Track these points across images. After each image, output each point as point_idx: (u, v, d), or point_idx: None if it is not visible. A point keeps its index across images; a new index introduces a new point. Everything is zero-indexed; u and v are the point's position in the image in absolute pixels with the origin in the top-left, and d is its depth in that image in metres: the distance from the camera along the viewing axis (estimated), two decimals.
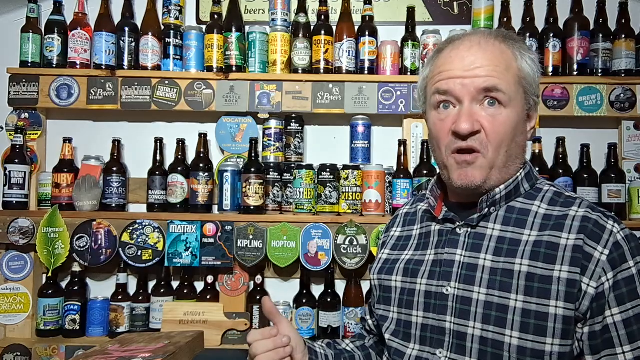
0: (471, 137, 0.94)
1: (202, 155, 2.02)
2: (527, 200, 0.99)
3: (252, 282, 2.02)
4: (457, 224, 1.01)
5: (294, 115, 2.04)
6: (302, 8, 2.04)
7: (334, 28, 2.04)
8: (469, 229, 1.00)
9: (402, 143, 2.00)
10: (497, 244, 0.95)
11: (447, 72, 0.97)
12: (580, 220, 0.92)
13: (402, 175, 1.96)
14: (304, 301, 1.97)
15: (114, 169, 2.00)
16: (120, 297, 1.99)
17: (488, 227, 0.98)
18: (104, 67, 2.00)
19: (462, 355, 0.92)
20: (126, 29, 2.04)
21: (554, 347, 0.87)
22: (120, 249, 1.93)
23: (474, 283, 0.94)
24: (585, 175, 1.97)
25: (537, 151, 1.99)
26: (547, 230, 0.93)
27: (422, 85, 1.07)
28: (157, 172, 2.00)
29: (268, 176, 1.98)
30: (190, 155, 2.06)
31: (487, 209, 0.99)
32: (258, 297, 1.98)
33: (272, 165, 2.01)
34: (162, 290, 1.99)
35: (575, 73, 1.98)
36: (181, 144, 2.04)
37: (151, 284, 2.06)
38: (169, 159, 2.08)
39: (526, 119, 1.01)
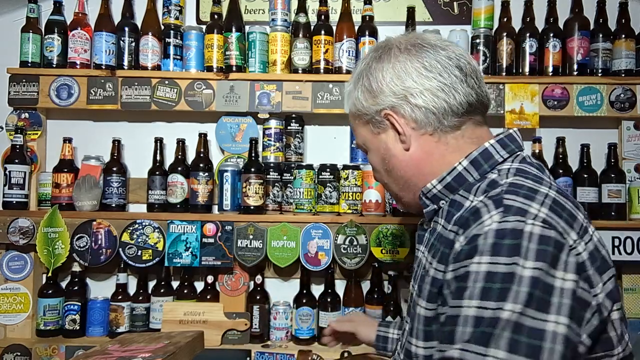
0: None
1: (202, 155, 2.02)
2: (466, 192, 0.90)
3: (252, 282, 2.02)
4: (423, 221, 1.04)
5: (294, 115, 2.04)
6: (302, 8, 2.04)
7: (334, 28, 2.04)
8: (430, 226, 0.98)
9: None
10: (433, 240, 0.92)
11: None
12: (468, 211, 0.82)
13: None
14: (304, 301, 1.97)
15: (114, 169, 2.00)
16: (120, 297, 1.99)
17: (438, 222, 0.93)
18: (104, 67, 2.00)
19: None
20: (126, 29, 2.04)
21: (418, 350, 0.85)
22: (120, 249, 1.93)
23: (415, 280, 0.96)
24: (585, 175, 1.97)
25: (537, 151, 1.99)
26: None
27: None
28: (157, 172, 2.00)
29: (268, 176, 1.98)
30: (190, 155, 2.06)
31: (433, 205, 0.95)
32: (258, 297, 1.98)
33: (272, 165, 2.01)
34: (162, 290, 1.99)
35: (575, 73, 1.98)
36: (181, 144, 2.04)
37: (151, 284, 2.06)
38: (169, 159, 2.08)
39: (393, 135, 0.97)
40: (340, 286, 2.03)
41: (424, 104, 0.91)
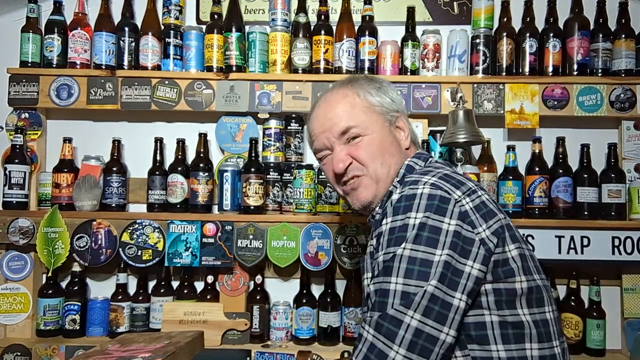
0: (349, 171, 1.18)
1: (202, 155, 2.02)
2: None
3: (252, 282, 2.02)
4: None
5: (294, 115, 2.04)
6: (302, 8, 2.04)
7: (334, 28, 2.04)
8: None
9: None
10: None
11: (314, 131, 1.24)
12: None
13: None
14: (304, 301, 1.97)
15: (114, 169, 2.00)
16: (120, 297, 1.99)
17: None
18: (104, 67, 2.00)
19: None
20: (126, 29, 2.04)
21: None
22: (120, 249, 1.93)
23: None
24: (585, 175, 1.97)
25: (537, 151, 1.99)
26: None
27: (308, 140, 1.30)
28: (157, 172, 2.00)
29: (268, 176, 1.98)
30: (190, 155, 2.06)
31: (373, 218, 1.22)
32: (258, 297, 1.98)
33: (272, 165, 2.01)
34: (162, 290, 1.99)
35: (575, 73, 1.98)
36: (181, 144, 2.04)
37: (151, 284, 2.06)
38: (169, 159, 2.08)
39: (395, 129, 1.22)
40: (340, 286, 2.03)
41: None
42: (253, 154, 1.98)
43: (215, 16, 2.04)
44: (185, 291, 2.00)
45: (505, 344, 0.94)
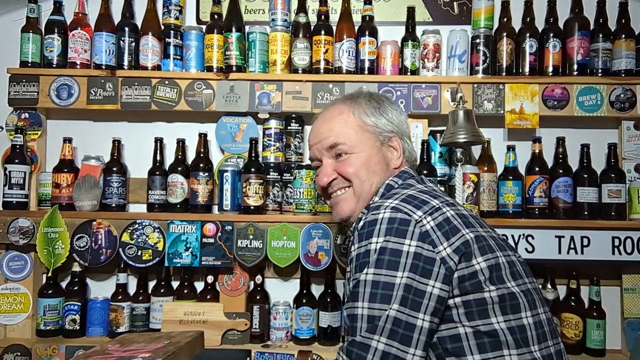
0: (334, 184, 1.25)
1: (202, 155, 2.02)
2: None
3: (252, 282, 2.01)
4: None
5: (294, 115, 2.04)
6: (302, 8, 2.04)
7: (334, 28, 2.04)
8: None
9: None
10: None
11: (310, 143, 1.30)
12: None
13: None
14: (304, 301, 1.97)
15: (114, 169, 2.00)
16: (120, 297, 1.99)
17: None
18: (104, 67, 2.00)
19: None
20: (126, 29, 2.04)
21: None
22: (120, 249, 1.93)
23: None
24: (585, 175, 1.97)
25: (537, 151, 1.99)
26: None
27: None
28: (157, 172, 2.00)
29: (268, 176, 1.98)
30: (190, 155, 2.06)
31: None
32: (258, 297, 1.98)
33: (272, 165, 2.01)
34: (162, 290, 1.99)
35: (575, 73, 1.98)
36: (181, 144, 2.04)
37: (151, 284, 2.06)
38: (169, 159, 2.08)
39: (387, 149, 1.25)
40: (340, 286, 2.03)
41: None
42: (253, 154, 1.98)
43: (215, 16, 2.04)
44: (185, 291, 2.00)
45: (482, 353, 0.95)
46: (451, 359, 0.96)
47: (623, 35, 1.99)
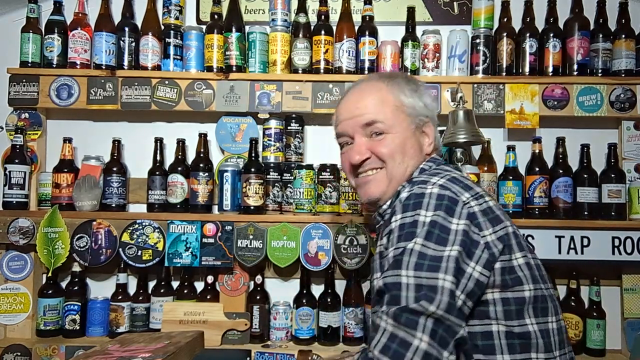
0: (366, 164, 1.19)
1: (202, 155, 2.02)
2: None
3: (252, 282, 2.01)
4: None
5: (294, 115, 2.04)
6: (302, 8, 2.04)
7: (334, 28, 2.04)
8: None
9: None
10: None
11: (340, 116, 1.23)
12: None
13: None
14: (304, 301, 1.97)
15: (114, 169, 2.00)
16: (120, 297, 1.99)
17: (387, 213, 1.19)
18: (104, 67, 2.00)
19: None
20: (126, 29, 2.04)
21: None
22: (120, 249, 1.93)
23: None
24: (585, 175, 1.97)
25: (537, 151, 1.99)
26: None
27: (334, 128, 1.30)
28: (157, 172, 2.00)
29: (268, 176, 1.98)
30: (190, 155, 2.06)
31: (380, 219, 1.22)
32: (258, 297, 1.98)
33: (272, 165, 2.01)
34: (162, 290, 1.99)
35: (575, 73, 1.98)
36: (181, 144, 2.04)
37: (151, 284, 2.06)
38: (169, 159, 2.08)
39: (420, 134, 1.21)
40: (340, 286, 2.03)
41: None
42: (253, 154, 1.98)
43: (216, 16, 2.04)
44: (185, 291, 2.00)
45: (512, 354, 0.95)
46: (479, 356, 0.95)
47: (623, 35, 1.99)
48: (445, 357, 0.88)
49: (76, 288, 2.02)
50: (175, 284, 2.04)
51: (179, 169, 2.00)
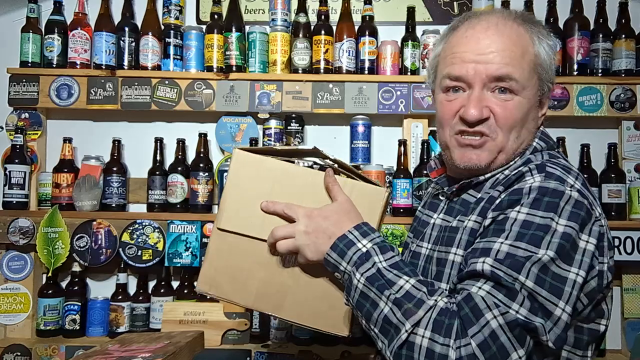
0: (479, 124, 0.95)
1: (202, 155, 2.02)
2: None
3: None
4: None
5: (294, 115, 2.04)
6: (302, 8, 2.04)
7: (334, 28, 2.04)
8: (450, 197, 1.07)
9: (402, 143, 1.99)
10: (474, 205, 0.99)
11: (460, 54, 0.96)
12: (514, 175, 0.94)
13: (402, 175, 1.96)
14: None
15: (114, 169, 2.00)
16: (120, 297, 1.99)
17: (483, 191, 1.00)
18: (104, 67, 2.00)
19: None
20: (126, 29, 2.04)
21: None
22: (120, 249, 1.93)
23: (430, 241, 1.05)
24: (585, 175, 1.95)
25: None
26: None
27: (434, 63, 1.04)
28: (157, 172, 2.00)
29: None
30: (190, 155, 2.06)
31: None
32: None
33: None
34: (162, 290, 1.99)
35: (575, 73, 1.98)
36: (181, 144, 2.04)
37: (151, 284, 2.06)
38: (169, 159, 2.08)
39: (538, 105, 0.99)
40: None
41: None
42: None
43: (215, 16, 2.04)
44: (185, 291, 1.99)
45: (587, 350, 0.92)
46: (575, 351, 0.91)
47: (623, 35, 1.99)
48: None
49: (76, 288, 2.01)
50: (175, 284, 2.04)
51: (179, 169, 2.00)
